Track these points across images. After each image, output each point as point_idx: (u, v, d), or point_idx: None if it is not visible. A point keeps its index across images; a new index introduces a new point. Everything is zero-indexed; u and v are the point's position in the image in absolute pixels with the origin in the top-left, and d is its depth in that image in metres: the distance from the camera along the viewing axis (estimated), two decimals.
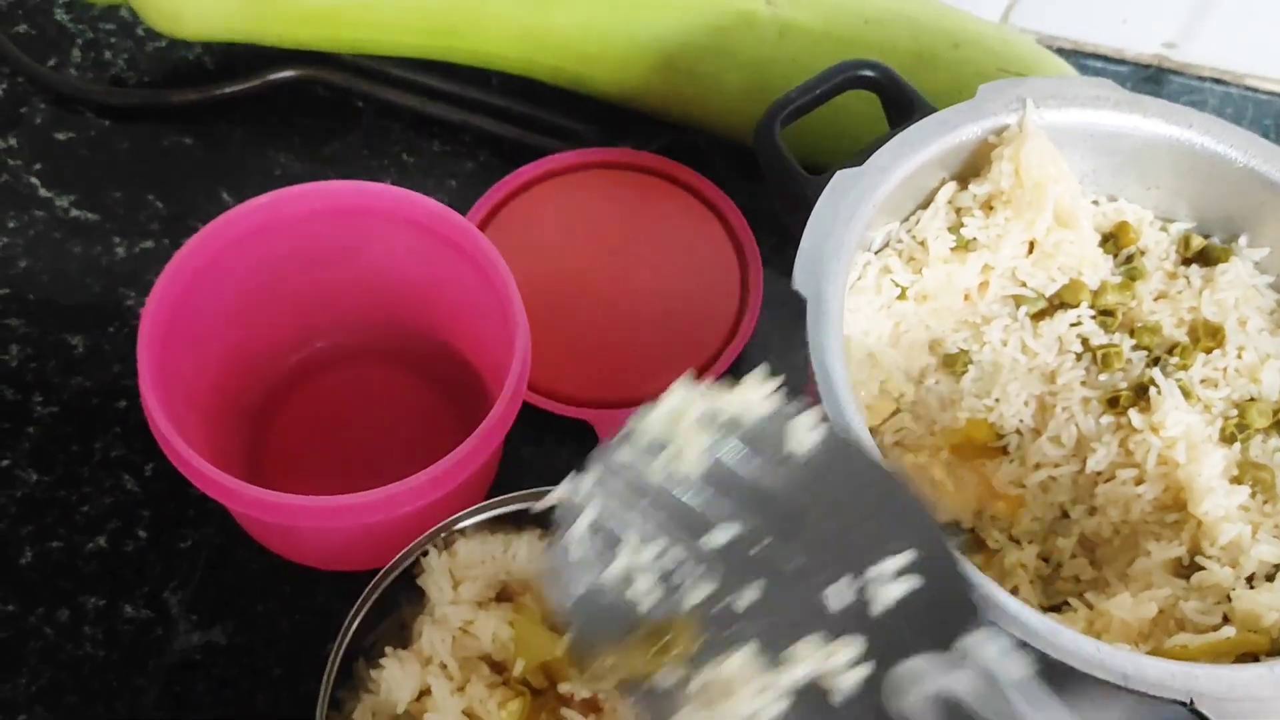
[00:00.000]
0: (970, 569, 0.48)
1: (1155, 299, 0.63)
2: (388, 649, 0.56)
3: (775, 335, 0.74)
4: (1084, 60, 0.94)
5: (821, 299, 0.55)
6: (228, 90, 0.81)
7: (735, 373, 0.73)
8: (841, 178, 0.59)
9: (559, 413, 0.70)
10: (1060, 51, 0.94)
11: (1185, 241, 0.65)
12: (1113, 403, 0.59)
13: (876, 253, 0.64)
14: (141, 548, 0.66)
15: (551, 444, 0.72)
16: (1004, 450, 0.62)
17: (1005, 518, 0.62)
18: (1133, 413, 0.58)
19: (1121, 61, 0.95)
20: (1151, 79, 0.94)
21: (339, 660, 0.55)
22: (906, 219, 0.65)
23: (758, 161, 0.65)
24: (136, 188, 0.79)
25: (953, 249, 0.62)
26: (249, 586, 0.66)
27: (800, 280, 0.55)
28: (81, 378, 0.71)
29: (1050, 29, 0.94)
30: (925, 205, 0.64)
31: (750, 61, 0.75)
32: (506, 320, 0.61)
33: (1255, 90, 0.94)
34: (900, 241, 0.64)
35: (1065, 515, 0.61)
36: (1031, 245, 0.63)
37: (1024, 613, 0.48)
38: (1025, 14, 0.92)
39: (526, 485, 0.61)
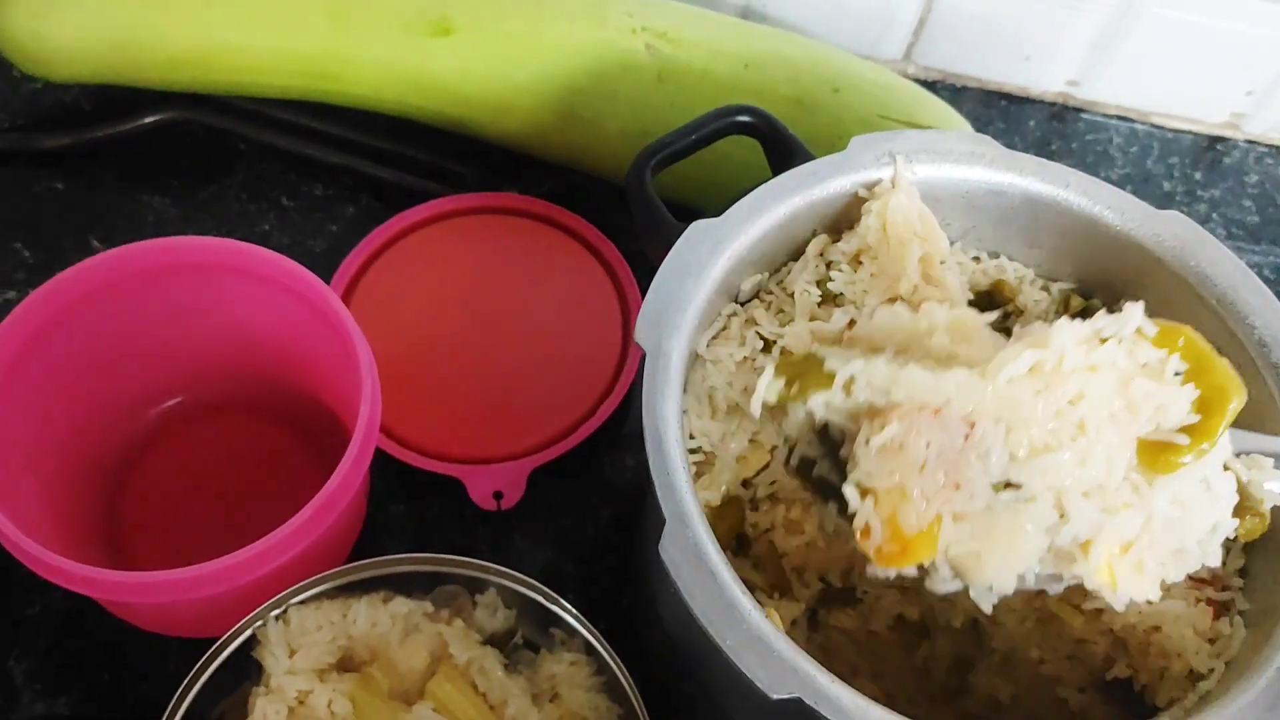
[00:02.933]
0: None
1: None
2: None
3: None
4: (989, 98, 0.93)
5: (661, 353, 0.53)
6: (101, 133, 0.79)
7: (614, 425, 0.71)
8: (696, 229, 0.57)
9: (429, 469, 0.68)
10: (965, 90, 0.93)
11: (1065, 301, 0.63)
12: None
13: (744, 304, 0.62)
14: None
15: (422, 501, 0.70)
16: None
17: None
18: None
19: (1026, 100, 0.93)
20: (1057, 116, 0.93)
21: None
22: (778, 270, 0.63)
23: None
24: (3, 235, 0.76)
25: (820, 303, 0.61)
26: (96, 654, 0.63)
27: (642, 333, 0.54)
28: None
29: (954, 67, 0.92)
30: (797, 257, 0.63)
31: (630, 105, 0.74)
32: (356, 381, 0.59)
33: (1161, 127, 0.93)
34: (770, 293, 0.62)
35: None
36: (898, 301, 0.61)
37: (834, 691, 0.46)
38: (927, 52, 0.91)
39: (394, 543, 0.59)
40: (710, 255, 0.57)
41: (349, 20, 0.74)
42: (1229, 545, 0.52)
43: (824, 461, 0.52)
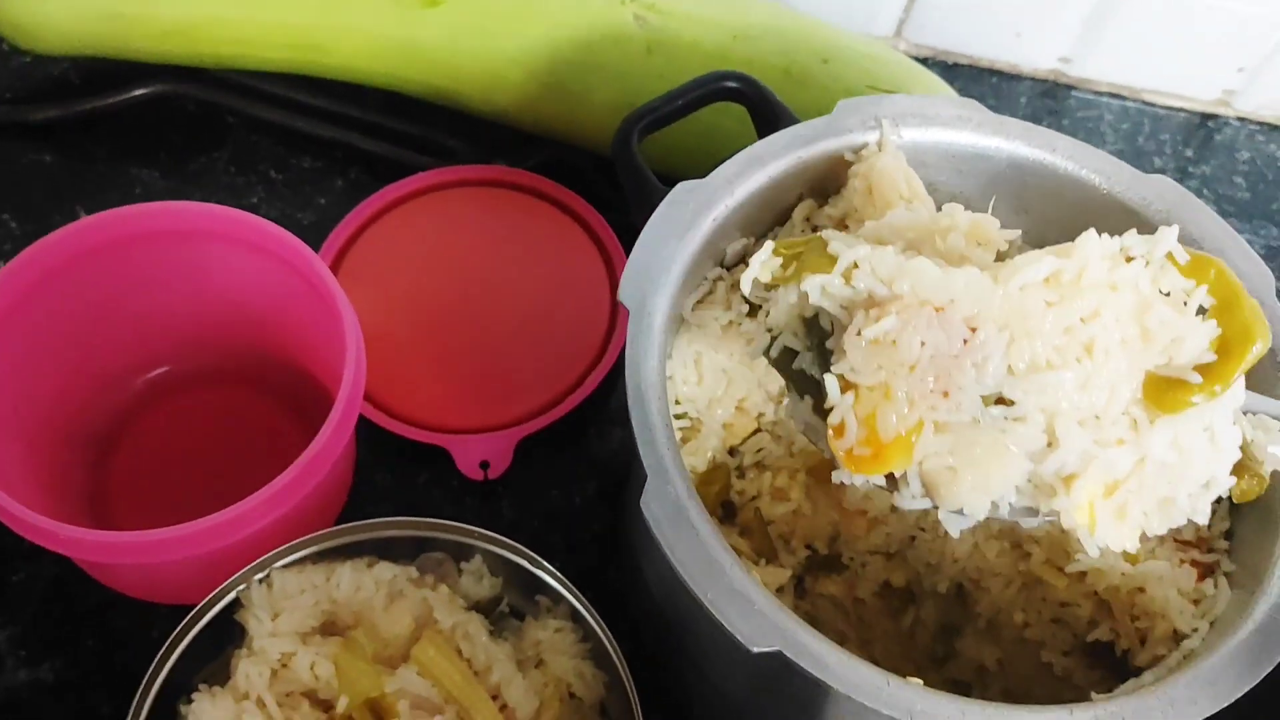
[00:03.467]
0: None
1: None
2: (201, 685, 0.54)
3: None
4: (981, 75, 0.93)
5: (644, 311, 0.53)
6: (90, 106, 0.79)
7: (602, 397, 0.71)
8: (681, 190, 0.57)
9: (415, 438, 0.68)
10: (956, 67, 0.93)
11: None
12: None
13: (729, 269, 0.62)
14: None
15: (409, 470, 0.70)
16: None
17: (862, 536, 0.60)
18: None
19: (1018, 77, 0.93)
20: (1049, 94, 0.93)
21: (151, 700, 0.53)
22: (763, 235, 0.63)
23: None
24: None
25: None
26: (82, 621, 0.63)
27: (625, 291, 0.53)
28: None
29: (945, 44, 0.92)
30: (783, 222, 0.63)
31: (618, 77, 0.74)
32: (340, 346, 0.59)
33: (1153, 104, 0.93)
34: None
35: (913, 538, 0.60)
36: None
37: (815, 646, 0.46)
38: (919, 29, 0.91)
39: (380, 512, 0.59)
40: (695, 216, 0.56)
41: None
42: (1216, 506, 0.52)
43: (807, 355, 0.50)
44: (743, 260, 0.62)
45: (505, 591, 0.61)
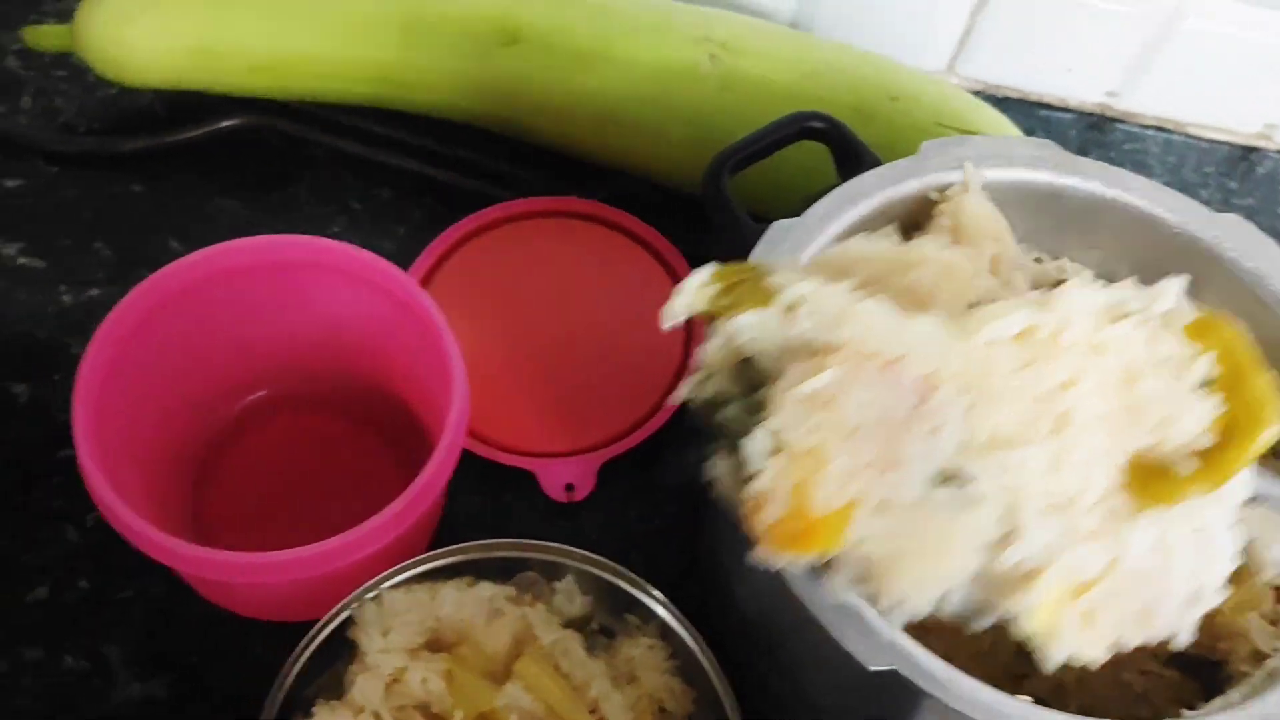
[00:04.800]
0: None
1: None
2: (319, 701, 0.56)
3: None
4: (1030, 108, 0.96)
5: None
6: (177, 137, 0.82)
7: (678, 422, 0.73)
8: (777, 228, 0.60)
9: (503, 462, 0.70)
10: (1006, 100, 0.95)
11: None
12: None
13: None
14: (82, 598, 0.66)
15: (495, 492, 0.72)
16: None
17: None
18: None
19: (1066, 109, 0.96)
20: (1095, 126, 0.96)
21: (276, 712, 0.56)
22: None
23: (704, 210, 0.66)
24: (84, 235, 0.79)
25: None
26: (190, 637, 0.66)
27: None
28: (24, 426, 0.71)
29: (996, 78, 0.95)
30: None
31: (692, 114, 0.76)
32: (445, 374, 0.61)
33: (1197, 138, 0.96)
34: None
35: None
36: None
37: (929, 663, 0.48)
38: (971, 63, 0.94)
39: (469, 533, 0.61)
40: (790, 253, 0.59)
41: (421, 31, 0.77)
42: None
43: (736, 404, 0.42)
44: None
45: (595, 610, 0.63)
